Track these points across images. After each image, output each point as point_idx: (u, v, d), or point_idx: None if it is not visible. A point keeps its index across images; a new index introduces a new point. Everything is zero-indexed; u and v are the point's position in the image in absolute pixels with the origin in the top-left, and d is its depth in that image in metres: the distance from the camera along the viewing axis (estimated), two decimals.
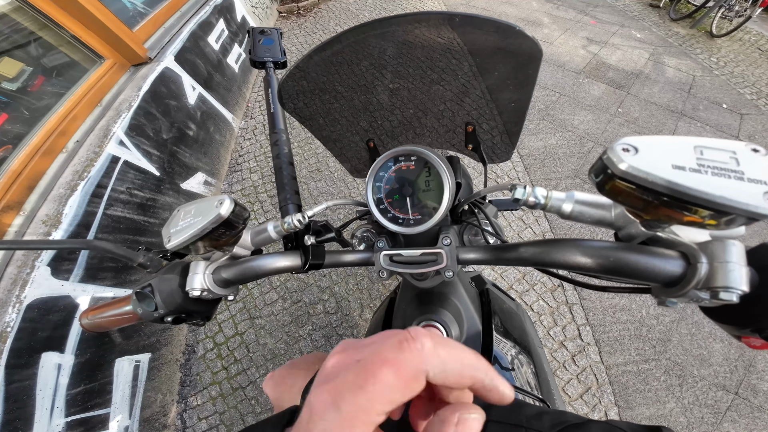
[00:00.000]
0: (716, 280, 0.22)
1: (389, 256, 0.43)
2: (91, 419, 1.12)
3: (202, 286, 0.37)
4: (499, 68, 0.45)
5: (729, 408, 1.38)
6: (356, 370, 0.17)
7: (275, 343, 1.59)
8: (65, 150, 1.31)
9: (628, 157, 0.20)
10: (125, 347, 1.28)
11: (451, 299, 0.51)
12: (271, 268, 0.40)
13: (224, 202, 0.32)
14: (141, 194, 1.46)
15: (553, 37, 3.24)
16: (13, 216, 1.10)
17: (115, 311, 0.42)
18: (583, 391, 1.41)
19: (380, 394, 0.16)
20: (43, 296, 1.03)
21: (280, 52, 0.73)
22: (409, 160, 0.44)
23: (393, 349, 0.17)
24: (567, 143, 2.29)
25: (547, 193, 0.30)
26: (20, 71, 1.31)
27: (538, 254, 0.31)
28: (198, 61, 2.06)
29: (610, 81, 2.77)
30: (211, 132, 2.07)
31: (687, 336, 1.54)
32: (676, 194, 0.19)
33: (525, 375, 0.54)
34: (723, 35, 3.32)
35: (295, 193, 0.50)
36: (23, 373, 0.96)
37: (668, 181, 0.19)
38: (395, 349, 0.17)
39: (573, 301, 1.62)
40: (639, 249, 0.26)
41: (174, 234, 0.33)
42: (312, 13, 3.57)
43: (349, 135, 0.62)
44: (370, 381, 0.16)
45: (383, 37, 0.43)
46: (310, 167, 2.19)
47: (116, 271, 1.28)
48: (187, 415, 1.45)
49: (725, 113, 2.57)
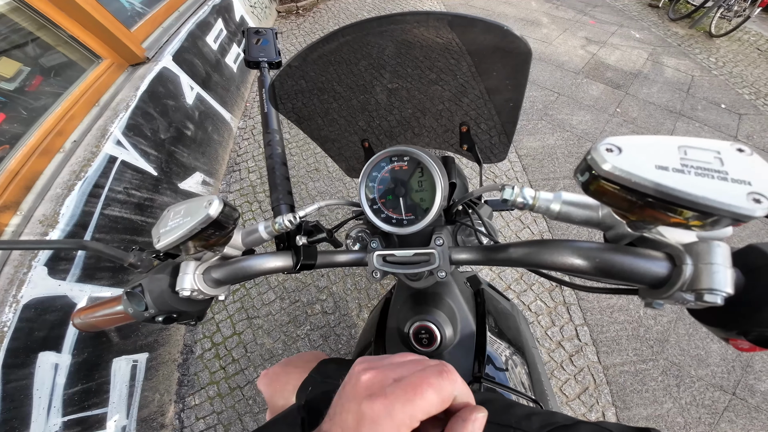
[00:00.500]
0: (701, 282, 0.22)
1: (382, 256, 0.43)
2: (89, 419, 1.12)
3: (192, 286, 0.37)
4: (492, 67, 0.45)
5: (726, 408, 1.38)
6: (405, 387, 0.23)
7: (273, 343, 1.59)
8: (62, 150, 1.31)
9: (612, 157, 0.20)
10: (122, 347, 1.28)
11: (446, 299, 0.51)
12: (262, 268, 0.40)
13: (213, 203, 0.32)
14: (138, 194, 1.46)
15: (551, 37, 3.24)
16: (10, 216, 1.10)
17: (106, 311, 0.42)
18: (580, 391, 1.41)
19: (423, 408, 0.22)
20: (40, 296, 1.03)
21: (275, 52, 0.73)
22: (402, 161, 0.44)
23: (435, 376, 0.23)
24: (565, 143, 2.29)
25: (534, 194, 0.30)
26: (18, 71, 1.31)
27: (528, 255, 0.31)
28: (196, 61, 2.06)
29: (608, 81, 2.77)
30: (209, 132, 2.07)
31: (684, 336, 1.54)
32: (659, 195, 0.19)
33: (518, 375, 0.54)
34: (722, 35, 3.32)
35: (287, 194, 0.50)
36: (20, 373, 0.96)
37: (651, 182, 0.19)
38: (437, 375, 0.23)
39: (571, 301, 1.62)
40: (625, 250, 0.26)
41: (163, 234, 0.33)
42: (311, 13, 3.57)
43: (344, 135, 0.61)
44: (418, 397, 0.22)
45: (378, 35, 0.43)
46: (309, 167, 2.19)
47: (113, 271, 1.28)
48: (184, 414, 1.45)
49: (724, 113, 2.57)
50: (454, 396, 0.24)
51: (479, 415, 0.23)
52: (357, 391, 0.24)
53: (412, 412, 0.21)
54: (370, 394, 0.23)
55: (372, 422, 0.21)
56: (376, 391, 0.23)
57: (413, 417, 0.22)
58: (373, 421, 0.21)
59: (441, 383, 0.23)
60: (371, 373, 0.25)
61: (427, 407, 0.22)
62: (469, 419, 0.23)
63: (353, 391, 0.24)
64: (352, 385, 0.25)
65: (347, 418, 0.23)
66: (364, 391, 0.24)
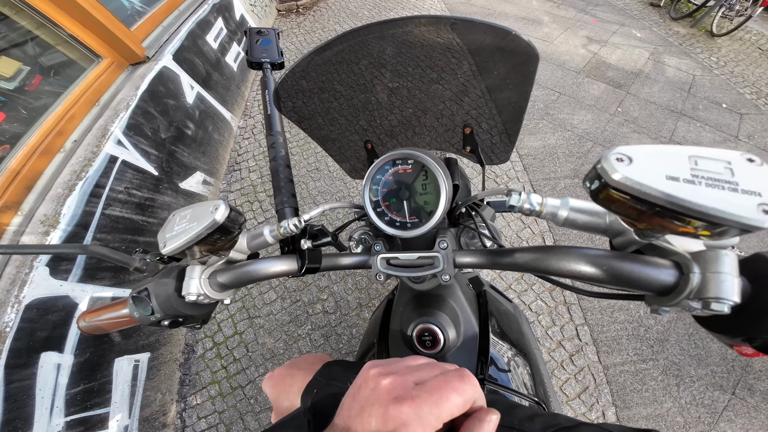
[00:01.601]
0: (708, 290, 0.22)
1: (386, 259, 0.43)
2: (91, 418, 1.12)
3: (198, 290, 0.37)
4: (497, 69, 0.45)
5: (726, 408, 1.38)
6: (431, 391, 0.24)
7: (274, 342, 1.60)
8: (63, 150, 1.31)
9: (622, 167, 0.20)
10: (124, 347, 1.28)
11: (448, 301, 0.51)
12: (268, 272, 0.40)
13: (219, 208, 0.32)
14: (139, 194, 1.46)
15: (553, 35, 3.23)
16: (11, 216, 1.10)
17: (112, 314, 0.42)
18: (580, 390, 1.42)
19: (448, 410, 0.23)
20: (42, 296, 1.03)
21: (278, 52, 0.73)
22: (406, 164, 0.44)
23: (458, 380, 0.25)
24: (566, 143, 2.29)
25: (542, 200, 0.30)
26: (18, 70, 1.31)
27: (534, 260, 0.31)
28: (196, 60, 2.05)
29: (609, 80, 2.77)
30: (209, 131, 2.07)
31: (684, 336, 1.54)
32: (670, 205, 0.19)
33: (521, 377, 0.54)
34: (723, 34, 3.31)
35: (291, 197, 0.50)
36: (23, 373, 0.97)
37: (662, 193, 0.19)
38: (460, 380, 0.25)
39: (571, 301, 1.63)
40: (632, 258, 0.26)
41: (169, 239, 0.33)
42: (311, 11, 3.55)
43: (346, 135, 0.61)
44: (444, 400, 0.23)
45: (381, 39, 0.43)
46: (309, 166, 2.19)
47: (115, 271, 1.28)
48: (186, 414, 1.46)
49: (725, 113, 2.57)
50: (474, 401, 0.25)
51: (494, 417, 0.24)
52: (379, 395, 0.25)
53: (438, 414, 0.23)
54: (395, 397, 0.24)
55: (403, 425, 0.22)
56: (402, 395, 0.24)
57: (439, 419, 0.23)
58: (404, 424, 0.22)
59: (464, 387, 0.24)
60: (391, 377, 0.26)
61: (452, 409, 0.23)
62: (485, 420, 0.24)
63: (375, 395, 0.25)
64: (372, 389, 0.25)
65: (371, 421, 0.23)
66: (387, 395, 0.24)
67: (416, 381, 0.25)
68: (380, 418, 0.23)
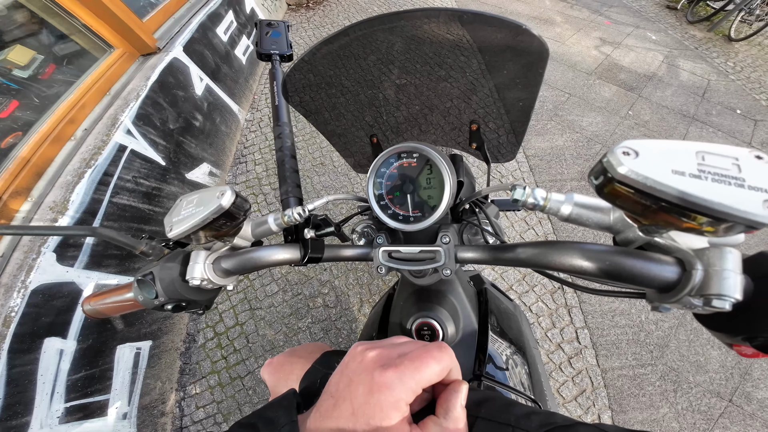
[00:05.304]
0: (710, 287, 0.22)
1: (388, 252, 0.43)
2: (91, 405, 1.14)
3: (202, 275, 0.38)
4: (506, 66, 0.45)
5: (722, 415, 1.37)
6: (412, 358, 0.26)
7: (275, 334, 1.61)
8: (73, 138, 1.33)
9: (628, 160, 0.20)
10: (127, 334, 1.30)
11: (449, 297, 0.51)
12: (271, 260, 0.40)
13: (225, 193, 0.33)
14: (147, 183, 1.48)
15: (565, 36, 3.18)
16: (21, 202, 1.12)
17: (116, 298, 0.43)
18: (577, 393, 1.41)
19: (428, 376, 0.26)
20: (48, 282, 1.05)
21: (287, 45, 0.73)
22: (411, 157, 0.44)
23: (438, 351, 0.27)
24: (574, 145, 2.27)
25: (546, 195, 0.30)
26: (32, 59, 1.33)
27: (536, 256, 0.31)
28: (206, 52, 2.06)
29: (621, 83, 2.73)
30: (217, 123, 2.08)
31: (685, 342, 1.53)
32: (674, 200, 0.19)
33: (518, 375, 0.54)
34: (741, 39, 3.24)
35: (296, 186, 0.50)
36: (25, 358, 0.98)
37: (667, 186, 0.19)
38: (439, 351, 0.27)
39: (572, 303, 1.62)
40: (635, 254, 0.26)
41: (176, 223, 0.34)
42: (321, 6, 3.55)
43: (353, 130, 0.61)
44: (424, 366, 0.26)
45: (390, 31, 0.43)
46: (314, 161, 2.20)
47: (120, 259, 1.30)
48: (185, 403, 1.48)
49: (739, 119, 2.52)
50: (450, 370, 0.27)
51: (464, 387, 0.28)
52: (366, 365, 0.27)
53: (419, 379, 0.25)
54: (382, 365, 0.26)
55: (386, 388, 0.24)
56: (387, 363, 0.26)
57: (419, 383, 0.25)
58: (388, 386, 0.24)
59: (442, 356, 0.27)
60: (377, 350, 0.28)
61: (431, 376, 0.26)
62: (459, 390, 0.27)
63: (361, 366, 0.27)
64: (359, 362, 0.27)
65: (358, 389, 0.25)
66: (373, 364, 0.26)
67: (400, 353, 0.27)
68: (366, 385, 0.25)
